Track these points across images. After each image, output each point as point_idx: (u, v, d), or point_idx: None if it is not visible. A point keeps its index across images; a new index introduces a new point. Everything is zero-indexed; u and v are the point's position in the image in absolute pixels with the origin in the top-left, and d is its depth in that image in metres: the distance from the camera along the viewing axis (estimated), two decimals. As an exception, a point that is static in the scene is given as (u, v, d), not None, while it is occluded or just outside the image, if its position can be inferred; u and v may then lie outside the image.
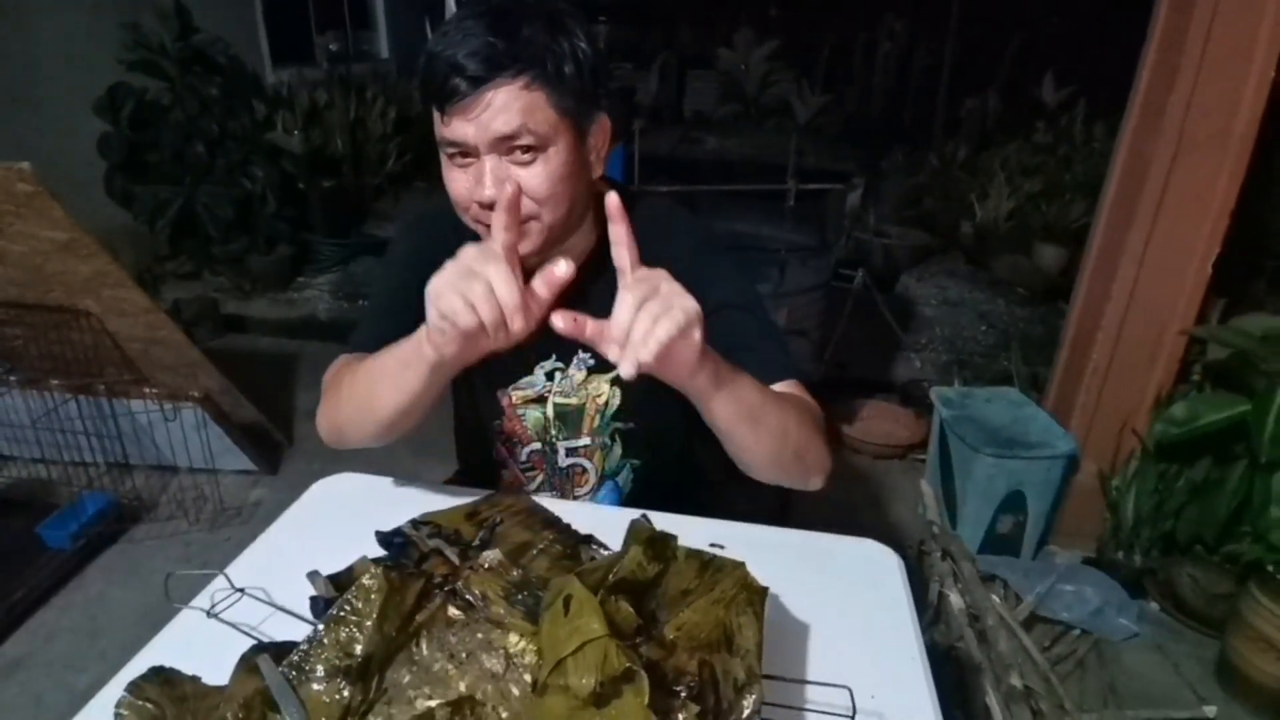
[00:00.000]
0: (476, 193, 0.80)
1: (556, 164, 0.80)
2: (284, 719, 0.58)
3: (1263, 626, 1.56)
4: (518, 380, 1.02)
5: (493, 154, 0.79)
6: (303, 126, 4.23)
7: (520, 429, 1.04)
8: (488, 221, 0.81)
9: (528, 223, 0.83)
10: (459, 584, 0.75)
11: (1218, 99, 1.61)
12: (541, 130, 0.78)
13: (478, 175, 0.80)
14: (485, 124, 0.77)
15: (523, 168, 0.80)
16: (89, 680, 1.68)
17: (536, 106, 0.77)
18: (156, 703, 0.59)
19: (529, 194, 0.80)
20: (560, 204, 0.83)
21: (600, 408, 1.01)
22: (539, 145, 0.79)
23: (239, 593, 0.75)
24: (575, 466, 1.05)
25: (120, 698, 0.58)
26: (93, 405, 2.02)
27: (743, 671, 0.59)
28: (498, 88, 0.76)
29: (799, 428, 0.82)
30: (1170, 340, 1.83)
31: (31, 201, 1.65)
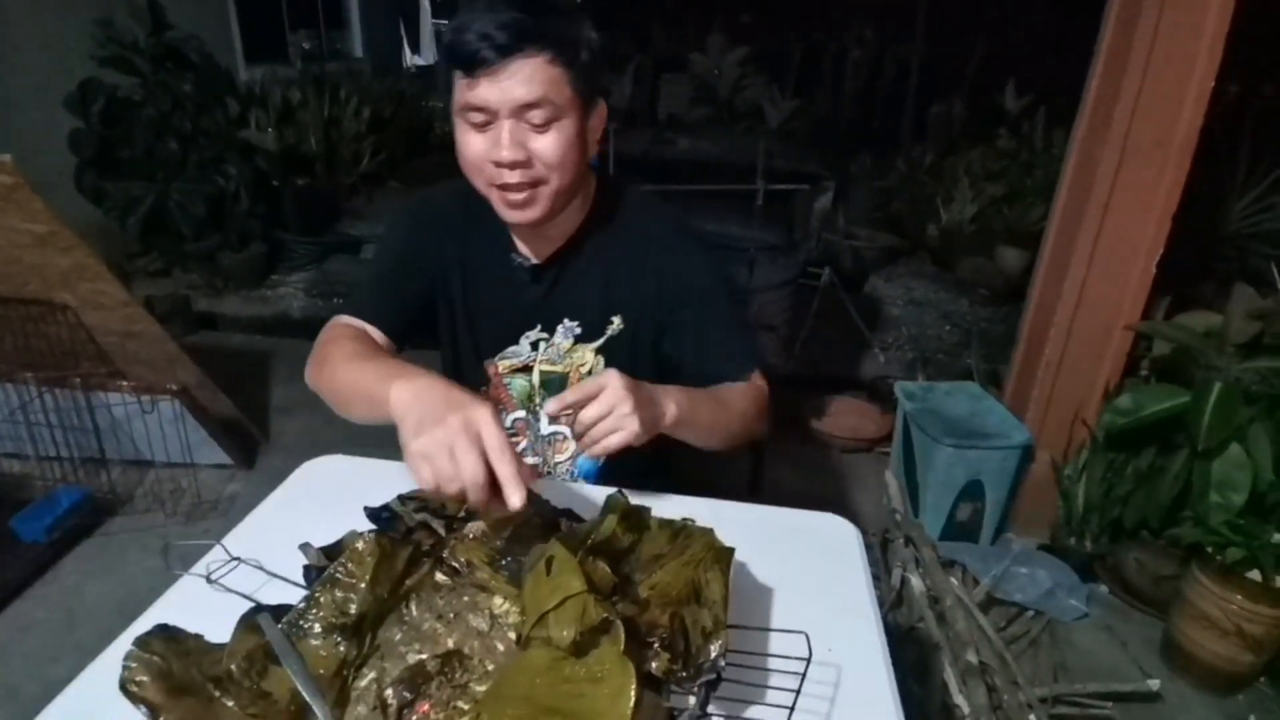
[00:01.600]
0: (494, 153, 0.87)
1: (568, 134, 0.89)
2: (284, 670, 0.63)
3: (1204, 606, 1.65)
4: (504, 350, 1.08)
5: (511, 119, 0.86)
6: (276, 124, 4.22)
7: (506, 397, 1.10)
8: (500, 182, 0.89)
9: (538, 187, 0.91)
10: (445, 552, 0.80)
11: (1160, 108, 1.71)
12: (559, 102, 0.86)
13: (495, 138, 0.87)
14: (509, 90, 0.84)
15: (538, 134, 0.88)
16: (66, 670, 1.67)
17: (556, 80, 0.85)
18: (163, 656, 0.63)
19: (542, 159, 0.89)
20: (568, 171, 0.91)
21: (583, 376, 1.07)
22: (554, 116, 0.87)
23: (235, 561, 0.79)
24: (556, 434, 1.11)
25: (128, 651, 0.62)
26: (68, 399, 2.02)
27: (710, 620, 0.64)
28: (526, 58, 0.83)
29: (745, 420, 0.98)
30: (1118, 336, 1.93)
31: (11, 194, 1.66)
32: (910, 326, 3.64)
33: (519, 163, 0.88)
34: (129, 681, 0.60)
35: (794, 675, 0.63)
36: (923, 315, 3.81)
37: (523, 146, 0.87)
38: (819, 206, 3.61)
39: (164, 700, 0.59)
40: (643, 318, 1.05)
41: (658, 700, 0.62)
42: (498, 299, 1.06)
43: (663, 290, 1.04)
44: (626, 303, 1.04)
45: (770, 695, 0.66)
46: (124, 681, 0.60)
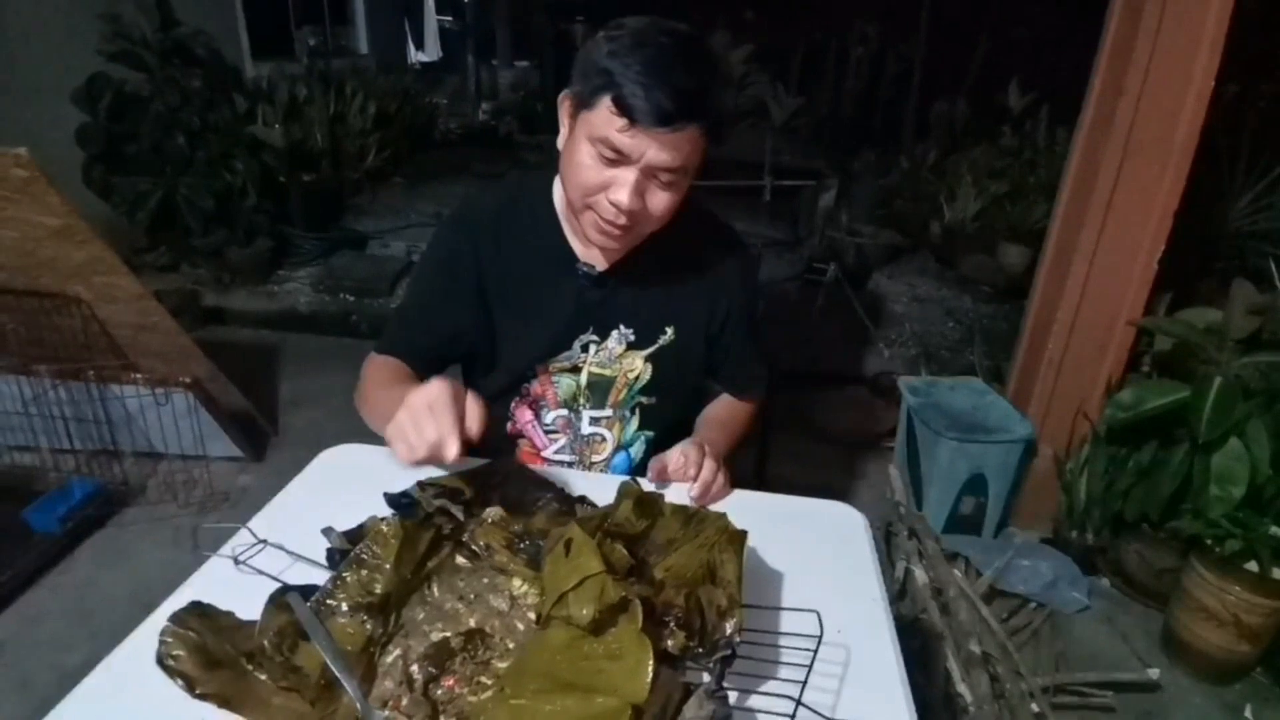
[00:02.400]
0: (614, 194, 0.91)
1: (681, 192, 0.94)
2: (313, 646, 0.65)
3: (1203, 597, 1.68)
4: (557, 355, 1.10)
5: (643, 174, 0.90)
6: (283, 121, 4.24)
7: (551, 394, 1.12)
8: (604, 215, 0.93)
9: (634, 230, 0.95)
10: (465, 536, 0.82)
11: (1162, 106, 1.73)
12: (691, 167, 0.92)
13: (618, 179, 0.90)
14: (658, 153, 0.87)
15: (660, 190, 0.92)
16: (81, 659, 1.71)
17: (697, 150, 0.91)
18: (197, 631, 0.65)
19: (654, 211, 0.93)
20: (665, 221, 0.96)
21: (630, 381, 1.11)
22: (682, 178, 0.92)
23: (261, 544, 0.81)
24: (595, 435, 1.14)
25: (165, 626, 0.65)
26: (81, 391, 2.04)
27: (725, 599, 0.67)
28: (684, 131, 0.86)
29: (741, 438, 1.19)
30: (1120, 332, 1.95)
31: (27, 187, 1.68)
32: (913, 323, 3.66)
33: (635, 212, 0.92)
34: (167, 655, 0.62)
35: (805, 652, 0.66)
36: (926, 312, 3.83)
37: (641, 198, 0.91)
38: (822, 204, 3.63)
39: (199, 673, 0.62)
40: (694, 333, 1.11)
41: (674, 675, 0.65)
42: (555, 302, 1.08)
43: (714, 311, 1.11)
44: (680, 315, 1.09)
45: (783, 671, 0.68)
46: (161, 655, 0.62)
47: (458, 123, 7.18)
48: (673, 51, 0.86)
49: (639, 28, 0.88)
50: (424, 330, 1.09)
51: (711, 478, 0.98)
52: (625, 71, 0.85)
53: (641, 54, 0.85)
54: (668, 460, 1.01)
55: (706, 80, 0.87)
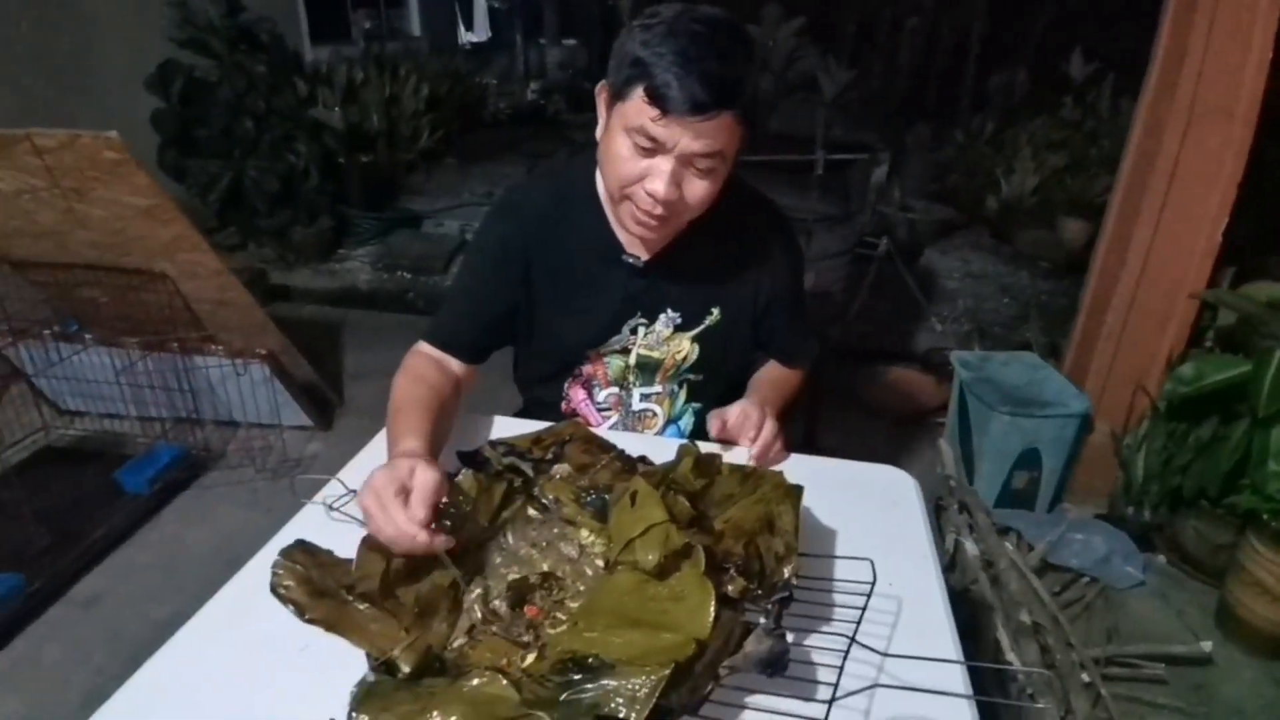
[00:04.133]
0: (650, 184, 0.91)
1: (719, 179, 0.94)
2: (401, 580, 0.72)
3: (1259, 572, 1.66)
4: (608, 339, 1.13)
5: (680, 162, 0.90)
6: (341, 103, 4.36)
7: (603, 373, 1.16)
8: (641, 205, 0.94)
9: (674, 219, 0.97)
10: (535, 490, 0.88)
11: (1224, 74, 1.68)
12: (729, 154, 0.92)
13: (655, 169, 0.91)
14: (693, 140, 0.88)
15: (697, 177, 0.92)
16: (169, 611, 1.83)
17: (734, 136, 0.91)
18: (303, 565, 0.72)
19: (692, 199, 0.94)
20: (704, 208, 0.97)
21: (678, 361, 1.14)
22: (719, 164, 0.92)
23: (351, 493, 0.88)
24: (646, 411, 1.17)
25: (275, 560, 0.72)
26: (166, 362, 2.17)
27: (782, 546, 0.71)
28: (717, 119, 0.86)
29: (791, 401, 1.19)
30: (1181, 305, 1.92)
31: (117, 168, 1.79)
32: (967, 299, 3.62)
33: (673, 202, 0.92)
34: (279, 585, 0.70)
35: (859, 598, 0.70)
36: (980, 288, 3.77)
37: (679, 187, 0.91)
38: (875, 178, 3.59)
39: (307, 600, 0.69)
40: (740, 312, 1.12)
41: (735, 616, 0.69)
42: (603, 291, 1.10)
43: (759, 289, 1.12)
44: (725, 296, 1.11)
45: (837, 614, 0.72)
46: (274, 585, 0.70)
47: (507, 102, 7.25)
48: (705, 39, 0.86)
49: (671, 16, 0.88)
50: (470, 321, 1.11)
51: (771, 439, 1.01)
52: (658, 61, 0.85)
53: (674, 43, 0.85)
54: (728, 416, 1.03)
55: (740, 67, 0.87)
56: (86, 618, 1.82)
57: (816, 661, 0.68)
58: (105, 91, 3.67)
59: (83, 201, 1.94)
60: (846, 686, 0.62)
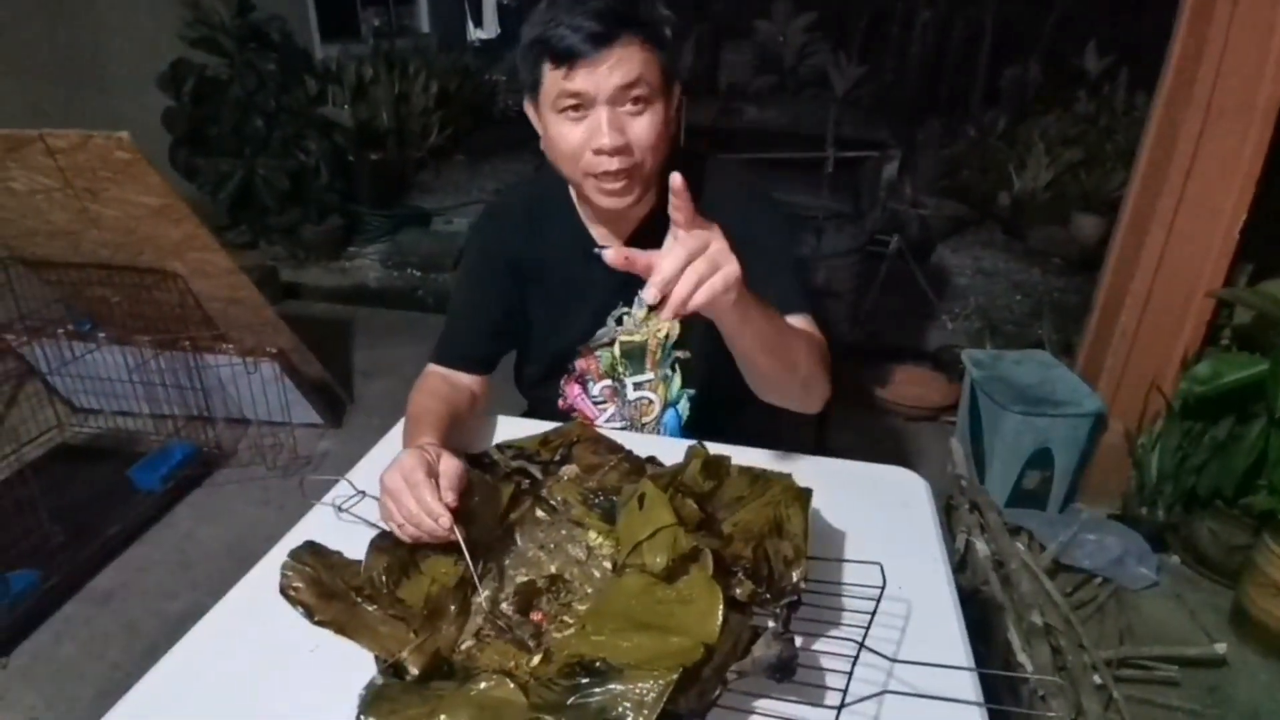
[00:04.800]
0: (594, 141, 0.90)
1: (660, 115, 0.92)
2: (416, 582, 0.72)
3: (1275, 574, 1.64)
4: (595, 334, 1.14)
5: (609, 105, 0.89)
6: (351, 101, 4.37)
7: (594, 367, 1.17)
8: (598, 170, 0.92)
9: (634, 170, 0.94)
10: (543, 491, 0.88)
11: (1243, 69, 1.66)
12: (653, 83, 0.90)
13: (593, 125, 0.90)
14: (608, 77, 0.87)
15: (634, 117, 0.90)
16: (183, 606, 1.85)
17: (650, 62, 0.89)
18: (313, 566, 0.73)
19: (638, 142, 0.91)
20: (659, 153, 0.95)
21: (661, 341, 1.13)
22: (649, 97, 0.90)
23: (360, 494, 0.88)
24: (642, 399, 1.18)
25: (285, 561, 0.72)
26: (178, 360, 2.19)
27: (791, 550, 0.71)
28: (622, 44, 0.86)
29: (808, 361, 0.93)
30: (1198, 303, 1.89)
31: (129, 168, 1.80)
32: (978, 296, 3.59)
33: (620, 148, 0.90)
34: (288, 587, 0.70)
35: (868, 602, 0.69)
36: (992, 285, 3.74)
37: (621, 132, 0.90)
38: (885, 175, 3.57)
39: (317, 602, 0.69)
40: None
41: (743, 620, 0.69)
42: (582, 289, 1.10)
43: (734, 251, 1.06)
44: None
45: (846, 618, 0.72)
46: (284, 587, 0.70)
47: (515, 99, 7.25)
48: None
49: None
50: (471, 334, 1.12)
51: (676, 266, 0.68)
52: (547, 25, 0.87)
53: (551, 5, 0.87)
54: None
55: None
56: (102, 613, 1.85)
57: (825, 667, 0.68)
58: (117, 91, 3.69)
59: (95, 201, 1.95)
60: (855, 692, 0.62)
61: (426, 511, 0.73)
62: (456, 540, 0.73)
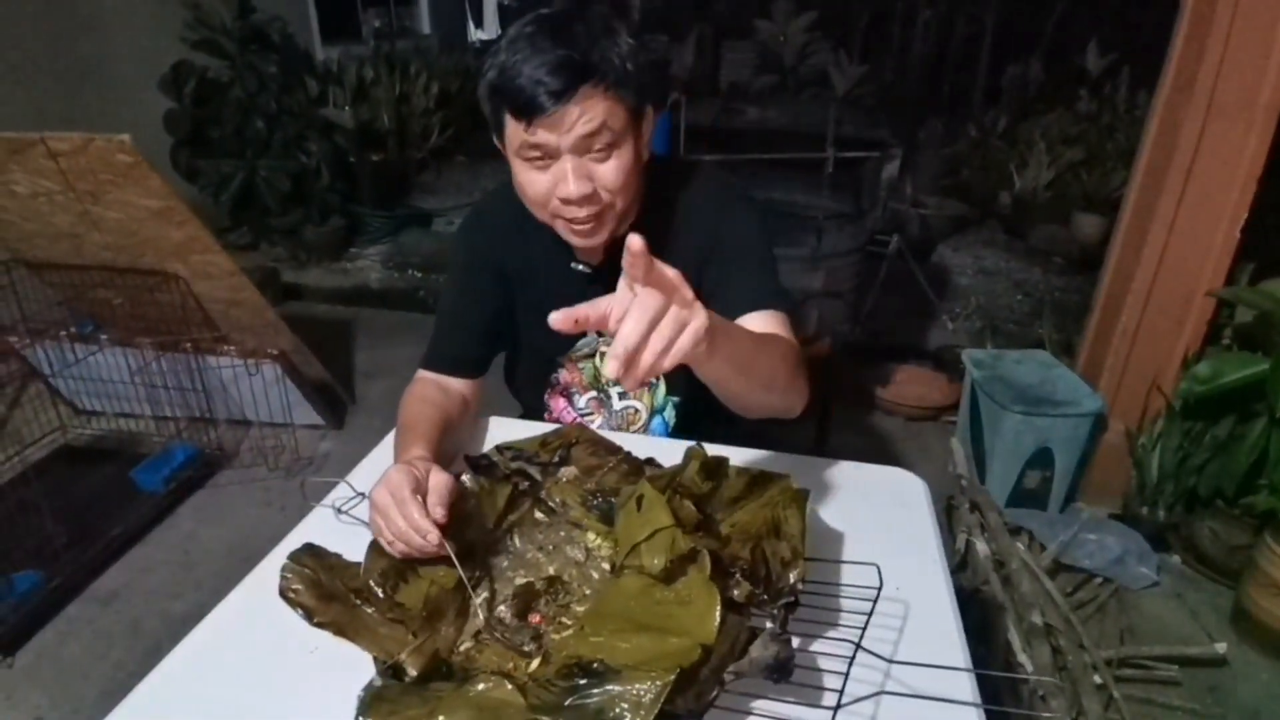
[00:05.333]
0: (560, 190, 0.90)
1: (628, 156, 0.91)
2: (414, 585, 0.72)
3: (1275, 573, 1.64)
4: (575, 344, 1.14)
5: (572, 154, 0.88)
6: (352, 102, 4.38)
7: (578, 379, 1.17)
8: (566, 215, 0.93)
9: (604, 212, 0.93)
10: (543, 493, 0.89)
11: (1245, 68, 1.66)
12: (617, 128, 0.88)
13: (559, 174, 0.89)
14: (570, 127, 0.86)
15: (600, 163, 0.90)
16: (187, 606, 1.86)
17: (612, 108, 0.87)
18: (312, 569, 0.73)
19: (605, 186, 0.91)
20: (629, 190, 0.94)
21: None
22: (614, 141, 0.89)
23: (360, 496, 0.88)
24: (628, 409, 1.18)
25: (285, 564, 0.73)
26: (180, 362, 2.20)
27: (788, 551, 0.71)
28: (582, 99, 0.84)
29: (784, 370, 0.89)
30: (1199, 303, 1.89)
31: (130, 171, 1.81)
32: (979, 296, 3.59)
33: (586, 197, 0.90)
34: (287, 589, 0.70)
35: (865, 603, 0.69)
36: (993, 284, 3.74)
37: (588, 179, 0.89)
38: (886, 175, 3.57)
39: (316, 604, 0.70)
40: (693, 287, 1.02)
41: (741, 621, 0.69)
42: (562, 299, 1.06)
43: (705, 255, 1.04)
44: None
45: (843, 619, 0.72)
46: (283, 589, 0.70)
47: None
48: (538, 34, 0.85)
49: (510, 33, 0.88)
50: (460, 337, 1.12)
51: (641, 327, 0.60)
52: (504, 77, 0.86)
53: (512, 52, 0.85)
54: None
55: (583, 41, 0.85)
56: (105, 614, 1.86)
57: (822, 668, 0.68)
58: (119, 93, 3.70)
59: (97, 204, 1.96)
60: (853, 693, 0.62)
61: (414, 528, 0.73)
62: (448, 555, 0.73)
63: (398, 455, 0.92)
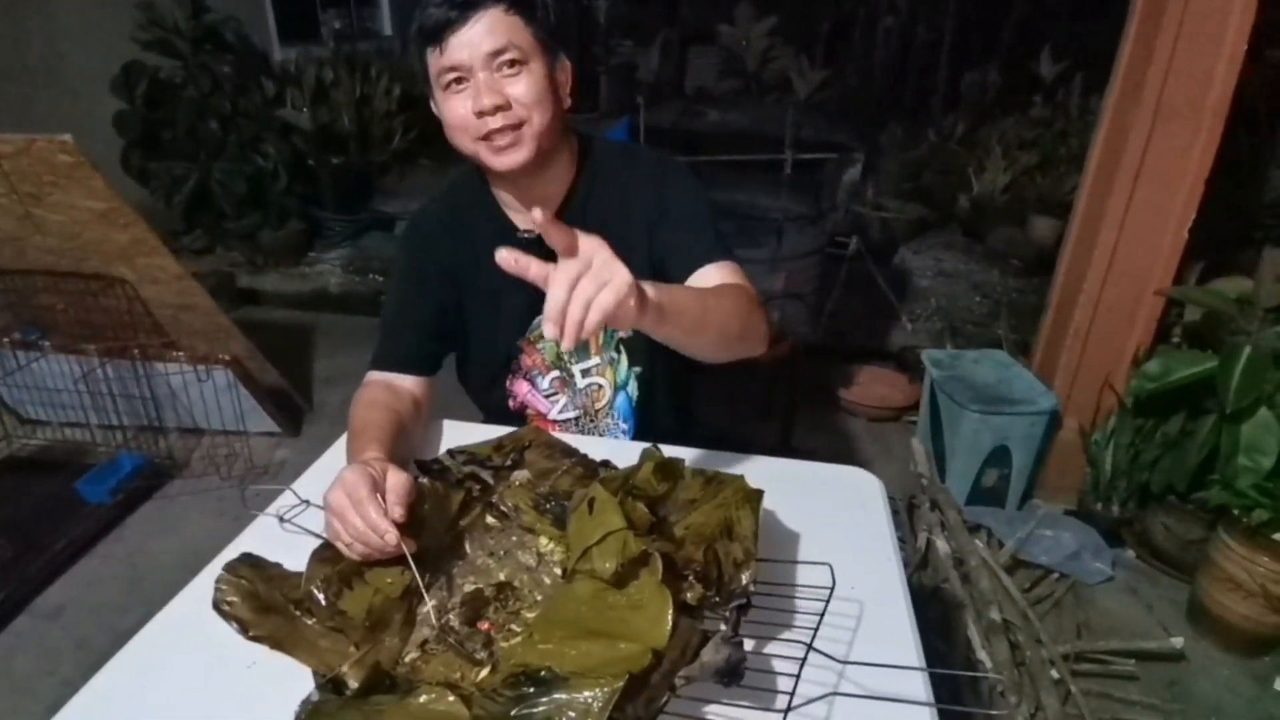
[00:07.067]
0: (476, 104, 0.94)
1: (538, 75, 0.96)
2: (358, 592, 0.70)
3: (1230, 567, 1.67)
4: (531, 324, 1.13)
5: (484, 70, 0.94)
6: (311, 104, 4.30)
7: (539, 360, 1.16)
8: (484, 132, 0.96)
9: (521, 128, 0.97)
10: (495, 497, 0.87)
11: (1192, 71, 1.70)
12: (524, 46, 0.94)
13: (474, 92, 0.94)
14: (477, 43, 0.92)
15: (511, 80, 0.95)
16: (134, 621, 1.78)
17: (517, 28, 0.94)
18: (249, 580, 0.70)
19: (519, 101, 0.95)
20: (545, 109, 0.97)
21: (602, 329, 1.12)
22: (522, 59, 0.95)
23: (304, 504, 0.86)
24: (592, 385, 1.17)
25: (219, 575, 0.70)
26: (127, 369, 2.13)
27: (741, 552, 0.70)
28: (485, 11, 0.92)
29: (738, 316, 0.93)
30: (1148, 302, 1.93)
31: (72, 172, 1.75)
32: (939, 297, 3.64)
33: (499, 106, 0.94)
34: (222, 601, 0.67)
35: (819, 604, 0.69)
36: (952, 286, 3.80)
37: (500, 92, 0.94)
38: (847, 178, 3.61)
39: (252, 617, 0.67)
40: (641, 257, 1.05)
41: (693, 624, 0.68)
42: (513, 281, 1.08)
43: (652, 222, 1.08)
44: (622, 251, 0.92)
45: (797, 620, 0.71)
46: (217, 601, 0.68)
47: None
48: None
49: None
50: (407, 335, 1.12)
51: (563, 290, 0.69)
52: (421, 14, 0.94)
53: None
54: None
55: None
56: (52, 629, 1.80)
57: (775, 670, 0.67)
58: (69, 94, 3.60)
59: (40, 207, 1.89)
60: (805, 694, 0.61)
61: (373, 528, 0.72)
62: (405, 556, 0.71)
63: (350, 459, 0.89)
